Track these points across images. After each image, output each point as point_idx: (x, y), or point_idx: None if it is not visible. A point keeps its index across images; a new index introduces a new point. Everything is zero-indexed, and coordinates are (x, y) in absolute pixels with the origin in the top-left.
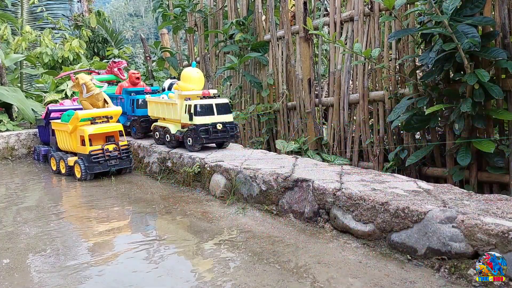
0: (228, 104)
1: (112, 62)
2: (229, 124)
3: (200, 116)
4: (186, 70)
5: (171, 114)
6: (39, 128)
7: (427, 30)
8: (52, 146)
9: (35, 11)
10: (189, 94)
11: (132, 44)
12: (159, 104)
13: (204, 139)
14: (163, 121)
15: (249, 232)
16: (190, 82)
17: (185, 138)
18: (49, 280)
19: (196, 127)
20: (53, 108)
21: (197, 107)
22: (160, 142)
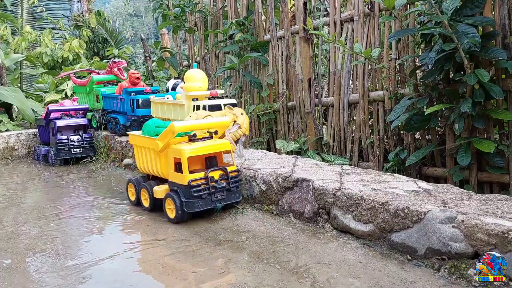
0: (236, 105)
1: (112, 62)
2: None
3: None
4: (189, 71)
5: (178, 115)
6: (39, 128)
7: (427, 30)
8: (52, 147)
9: (35, 11)
10: (196, 95)
11: (132, 44)
12: (164, 105)
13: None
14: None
15: (249, 232)
16: (195, 81)
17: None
18: (49, 280)
19: None
20: (53, 108)
21: (206, 107)
22: None
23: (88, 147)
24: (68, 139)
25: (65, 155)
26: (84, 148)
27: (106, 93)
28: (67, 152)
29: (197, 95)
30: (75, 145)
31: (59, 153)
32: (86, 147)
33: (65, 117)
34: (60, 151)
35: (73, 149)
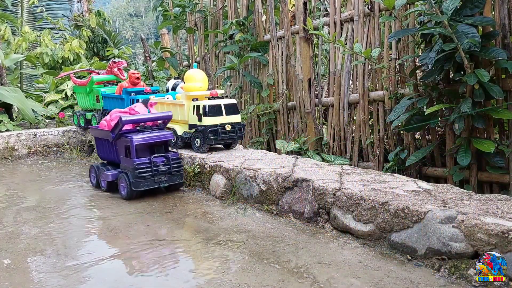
0: (236, 105)
1: (112, 62)
2: (238, 124)
3: (209, 117)
4: (189, 71)
5: (178, 115)
6: (97, 140)
7: (427, 30)
8: (125, 172)
9: (35, 11)
10: (197, 95)
11: (132, 44)
12: (164, 105)
13: (213, 140)
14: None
15: (249, 232)
16: (195, 81)
17: (193, 139)
18: (50, 280)
19: (205, 128)
20: (127, 119)
21: (206, 107)
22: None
23: (175, 172)
24: (151, 163)
25: (146, 185)
26: (171, 174)
27: (106, 93)
28: (148, 180)
29: (197, 95)
30: (160, 170)
31: (138, 183)
32: (173, 173)
33: (144, 131)
34: (140, 180)
35: (157, 176)
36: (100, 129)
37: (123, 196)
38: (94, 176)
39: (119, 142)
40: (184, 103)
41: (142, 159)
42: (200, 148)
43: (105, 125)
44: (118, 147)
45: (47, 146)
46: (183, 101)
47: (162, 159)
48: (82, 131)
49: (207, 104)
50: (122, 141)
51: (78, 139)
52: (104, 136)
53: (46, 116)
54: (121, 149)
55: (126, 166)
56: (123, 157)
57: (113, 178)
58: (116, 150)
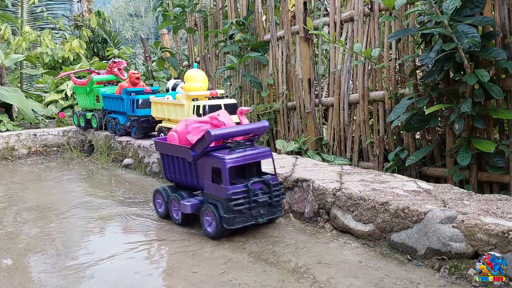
0: (236, 105)
1: (112, 62)
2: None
3: None
4: (189, 71)
5: (178, 115)
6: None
7: (427, 30)
8: (210, 200)
9: (35, 11)
10: (196, 95)
11: (132, 44)
12: (164, 105)
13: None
14: (168, 122)
15: (249, 232)
16: (195, 81)
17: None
18: (50, 280)
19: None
20: (218, 133)
21: (206, 107)
22: None
23: (276, 202)
24: (249, 191)
25: (243, 221)
26: (271, 204)
27: (106, 93)
28: (245, 215)
29: (197, 95)
30: (260, 201)
31: (232, 219)
32: (274, 203)
33: (236, 148)
34: (235, 215)
35: (255, 208)
36: (172, 144)
37: (208, 234)
38: (162, 204)
39: (202, 162)
40: (184, 103)
41: (237, 186)
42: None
43: (176, 137)
44: (200, 168)
45: (47, 146)
46: (183, 101)
47: (261, 185)
48: (82, 131)
49: (207, 104)
50: (208, 161)
51: (78, 139)
52: (179, 153)
53: (46, 116)
54: (205, 171)
55: (213, 195)
56: (209, 182)
57: (193, 209)
58: (195, 172)
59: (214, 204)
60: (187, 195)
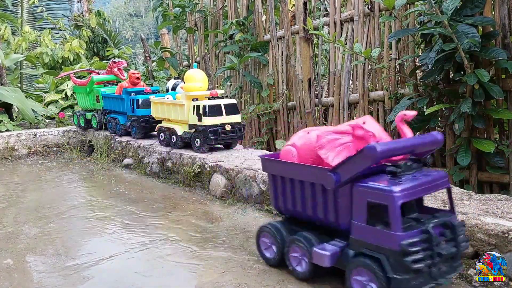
0: (236, 105)
1: (112, 62)
2: (237, 124)
3: (209, 117)
4: (189, 71)
5: (178, 115)
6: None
7: (427, 30)
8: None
9: (35, 11)
10: (197, 95)
11: (132, 44)
12: (164, 105)
13: (213, 140)
14: (168, 122)
15: (249, 232)
16: (195, 81)
17: (193, 139)
18: (50, 280)
19: (205, 128)
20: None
21: (206, 107)
22: (165, 144)
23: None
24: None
25: (420, 283)
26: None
27: (106, 93)
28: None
29: (197, 95)
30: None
31: (407, 281)
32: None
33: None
34: (412, 276)
35: (436, 264)
36: (296, 164)
37: None
38: (271, 246)
39: (346, 192)
40: (184, 103)
41: (413, 233)
42: (200, 148)
43: (294, 154)
44: (343, 200)
45: (47, 146)
46: (183, 101)
47: (441, 229)
48: (82, 131)
49: (207, 104)
50: (360, 192)
51: (78, 139)
52: (307, 176)
53: (46, 116)
54: (353, 206)
55: (370, 244)
56: (361, 224)
57: (333, 261)
58: (334, 206)
59: (373, 257)
60: (316, 238)
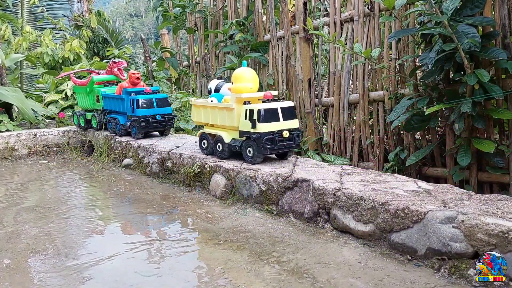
0: (293, 108)
1: (112, 62)
2: (295, 131)
3: (265, 123)
4: (239, 70)
5: (225, 120)
6: None
7: (427, 30)
8: None
9: (35, 11)
10: (249, 97)
11: (132, 44)
12: (208, 109)
13: (269, 149)
14: (212, 128)
15: (249, 232)
16: (246, 81)
17: (244, 148)
18: (50, 280)
19: (261, 136)
20: None
21: (261, 112)
22: (208, 152)
23: None
24: None
25: None
26: None
27: (106, 93)
28: None
29: (250, 97)
30: None
31: None
32: None
33: None
34: None
35: None
36: None
37: None
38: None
39: None
40: (233, 107)
41: None
42: (254, 159)
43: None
44: None
45: (47, 146)
46: (232, 105)
47: None
48: (82, 131)
49: (262, 108)
50: None
51: (78, 139)
52: None
53: (46, 116)
54: None
55: None
56: None
57: None
58: None
59: None
60: None
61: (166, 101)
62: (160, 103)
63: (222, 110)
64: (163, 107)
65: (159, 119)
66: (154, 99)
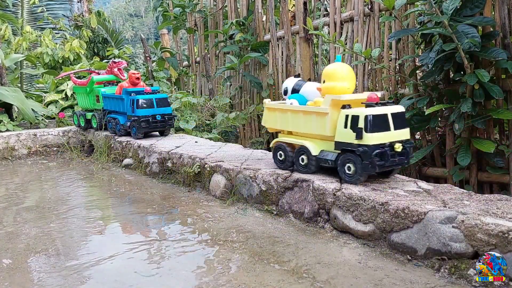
0: (404, 114)
1: (112, 62)
2: (407, 143)
3: (374, 133)
4: (331, 66)
5: (312, 127)
6: None
7: (427, 30)
8: None
9: (35, 11)
10: (350, 99)
11: (132, 44)
12: (288, 113)
13: (378, 166)
14: (289, 135)
15: (249, 232)
16: (341, 80)
17: (342, 163)
18: (50, 280)
19: (368, 149)
20: None
21: (368, 118)
22: (286, 166)
23: None
24: None
25: None
26: None
27: (106, 93)
28: None
29: (350, 99)
30: None
31: None
32: None
33: None
34: None
35: None
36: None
37: None
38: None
39: None
40: (328, 111)
41: None
42: (354, 177)
43: None
44: None
45: (47, 146)
46: (326, 108)
47: None
48: (82, 131)
49: (371, 114)
50: None
51: (78, 139)
52: None
53: (46, 116)
54: None
55: None
56: None
57: None
58: None
59: None
60: None
61: (166, 101)
62: (160, 103)
63: (309, 115)
64: (163, 107)
65: (159, 119)
66: (154, 99)
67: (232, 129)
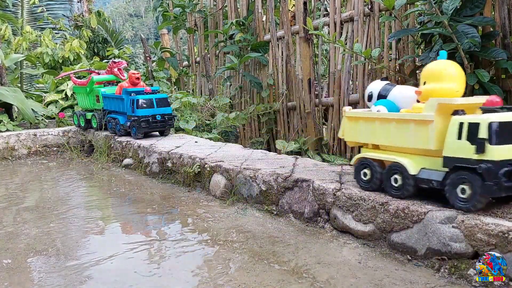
0: None
1: (112, 62)
2: None
3: (501, 145)
4: (435, 64)
5: (410, 140)
6: None
7: (427, 30)
8: None
9: (35, 11)
10: (463, 104)
11: (132, 44)
12: (375, 122)
13: (506, 189)
14: (382, 151)
15: (249, 232)
16: (448, 81)
17: (453, 185)
18: (50, 280)
19: (494, 167)
20: None
21: (494, 127)
22: (373, 187)
23: None
24: None
25: None
26: None
27: (106, 93)
28: None
29: (465, 104)
30: None
31: None
32: None
33: None
34: None
35: None
36: None
37: None
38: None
39: None
40: (432, 119)
41: None
42: (470, 203)
43: None
44: None
45: (47, 146)
46: (431, 115)
47: None
48: (82, 131)
49: (496, 121)
50: None
51: (78, 139)
52: None
53: (46, 116)
54: None
55: None
56: None
57: None
58: None
59: None
60: None
61: (166, 101)
62: (160, 103)
63: (405, 124)
64: (163, 107)
65: (159, 119)
66: (154, 99)
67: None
